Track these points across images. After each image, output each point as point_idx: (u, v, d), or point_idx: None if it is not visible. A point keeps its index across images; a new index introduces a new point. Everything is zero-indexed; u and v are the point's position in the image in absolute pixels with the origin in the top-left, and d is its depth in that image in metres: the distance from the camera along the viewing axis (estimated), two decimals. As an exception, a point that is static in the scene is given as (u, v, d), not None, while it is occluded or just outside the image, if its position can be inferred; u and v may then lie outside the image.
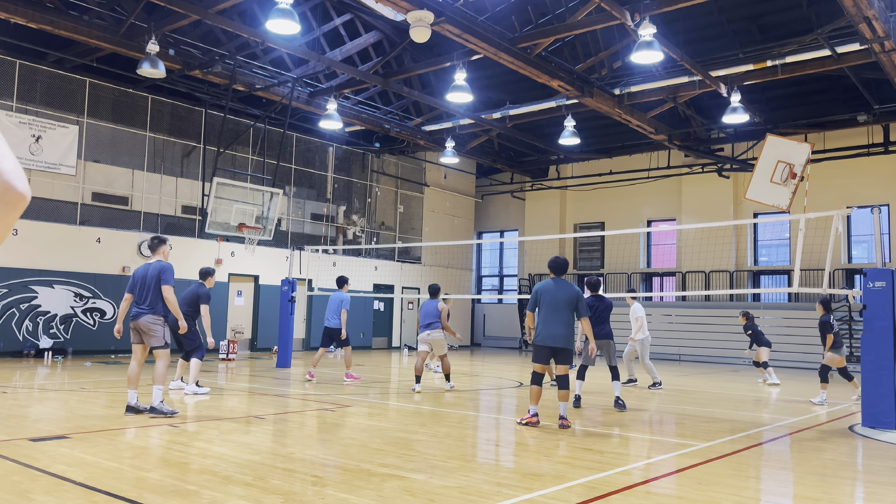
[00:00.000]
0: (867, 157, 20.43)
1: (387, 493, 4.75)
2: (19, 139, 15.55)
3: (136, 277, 7.92)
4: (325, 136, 22.44)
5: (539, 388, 7.92)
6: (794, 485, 5.61)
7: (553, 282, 7.88)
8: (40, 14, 13.63)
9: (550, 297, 7.73)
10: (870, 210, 9.80)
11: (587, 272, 26.48)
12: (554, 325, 7.67)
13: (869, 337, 8.56)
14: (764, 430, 8.25)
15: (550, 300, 7.72)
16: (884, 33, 12.65)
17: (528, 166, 26.48)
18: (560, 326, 7.66)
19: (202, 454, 5.93)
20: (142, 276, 7.88)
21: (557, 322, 7.67)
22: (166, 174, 19.04)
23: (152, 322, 7.78)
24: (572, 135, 18.41)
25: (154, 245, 8.18)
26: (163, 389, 7.83)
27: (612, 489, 5.02)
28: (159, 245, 8.15)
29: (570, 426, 7.73)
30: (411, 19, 12.59)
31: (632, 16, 12.54)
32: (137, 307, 7.85)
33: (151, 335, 7.80)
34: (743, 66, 15.72)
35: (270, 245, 20.26)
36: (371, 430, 7.46)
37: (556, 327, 7.67)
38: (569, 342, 7.71)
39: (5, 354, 15.37)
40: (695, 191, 23.83)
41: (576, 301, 7.75)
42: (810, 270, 18.49)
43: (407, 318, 25.24)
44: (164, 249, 8.15)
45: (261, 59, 17.48)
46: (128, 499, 4.46)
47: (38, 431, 6.80)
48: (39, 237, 16.07)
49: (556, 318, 7.67)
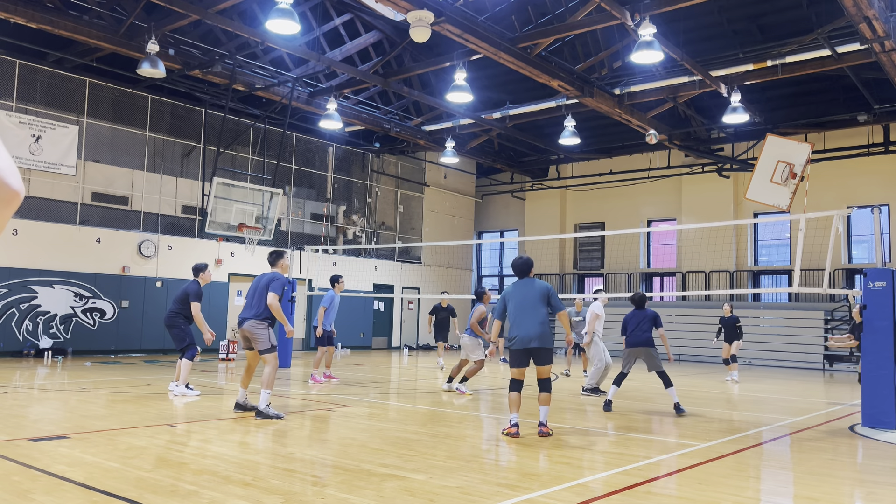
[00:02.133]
0: (867, 157, 20.43)
1: (387, 493, 4.75)
2: (19, 139, 15.55)
3: (251, 287, 8.33)
4: (325, 135, 22.43)
5: (518, 395, 7.29)
6: (794, 485, 5.60)
7: (519, 282, 7.51)
8: (40, 14, 13.62)
9: (519, 298, 7.32)
10: (870, 210, 9.79)
11: (587, 272, 26.50)
12: (527, 325, 7.16)
13: (869, 337, 8.55)
14: (764, 430, 8.25)
15: (520, 301, 7.30)
16: (884, 33, 12.64)
17: (528, 166, 26.48)
18: (534, 325, 7.13)
19: (202, 454, 5.93)
20: (254, 285, 8.28)
21: (531, 321, 7.16)
22: (166, 174, 19.03)
23: (255, 327, 8.02)
24: (572, 135, 18.40)
25: (272, 259, 8.48)
26: (270, 393, 7.98)
27: (612, 489, 5.02)
28: (277, 258, 8.47)
29: (551, 433, 7.15)
30: (411, 19, 12.58)
31: (632, 16, 12.53)
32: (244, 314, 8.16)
33: (257, 340, 8.03)
34: (743, 66, 15.72)
35: (270, 245, 20.22)
36: (371, 430, 7.46)
37: (531, 327, 7.14)
38: (546, 341, 7.16)
39: (5, 354, 15.37)
40: (695, 191, 23.83)
41: (547, 295, 7.27)
42: (810, 270, 18.50)
43: (407, 318, 25.25)
44: (283, 263, 8.47)
45: (261, 59, 17.48)
46: (128, 499, 4.45)
47: (38, 431, 6.80)
48: (39, 237, 16.07)
49: (528, 316, 7.18)
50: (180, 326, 9.88)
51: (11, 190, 1.23)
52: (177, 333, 9.90)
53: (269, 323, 8.06)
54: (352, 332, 22.86)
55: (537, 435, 7.13)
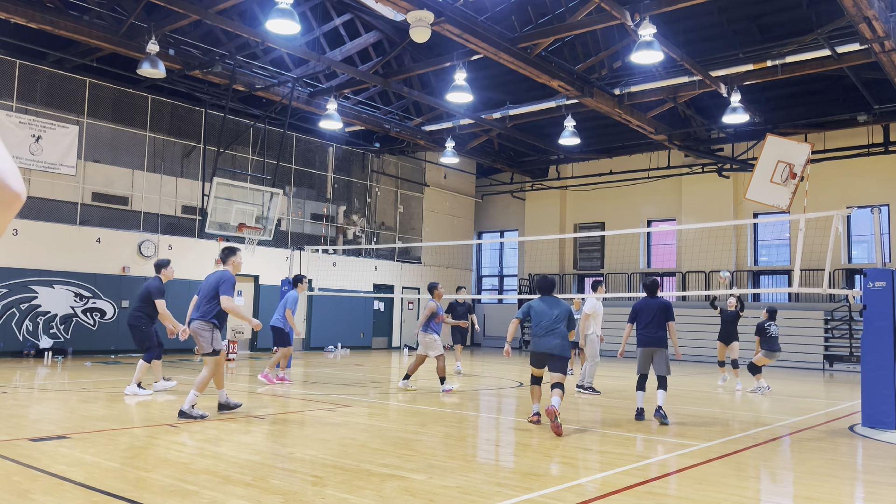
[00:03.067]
0: (867, 157, 20.43)
1: (387, 493, 4.75)
2: (19, 139, 15.55)
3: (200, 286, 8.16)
4: (325, 136, 22.44)
5: (538, 387, 8.32)
6: (794, 485, 5.60)
7: (543, 301, 8.21)
8: (40, 14, 13.62)
9: (545, 316, 8.09)
10: (870, 210, 9.79)
11: (587, 272, 26.49)
12: (548, 340, 8.02)
13: (869, 337, 8.55)
14: (764, 430, 8.25)
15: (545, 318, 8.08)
16: (884, 33, 12.65)
17: (528, 166, 26.48)
18: (554, 338, 7.99)
19: (202, 454, 5.93)
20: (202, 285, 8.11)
21: (552, 337, 8.01)
22: (166, 174, 19.04)
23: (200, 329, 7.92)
24: (572, 135, 18.40)
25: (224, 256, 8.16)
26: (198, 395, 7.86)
27: (612, 489, 5.02)
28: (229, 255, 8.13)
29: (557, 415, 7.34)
30: (411, 19, 12.58)
31: (632, 16, 12.54)
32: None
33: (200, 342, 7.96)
34: (743, 66, 15.72)
35: (270, 245, 20.26)
36: (371, 430, 7.46)
37: (551, 339, 8.01)
38: (564, 350, 7.99)
39: (5, 354, 15.37)
40: (695, 191, 23.83)
41: (566, 317, 8.08)
42: (810, 270, 18.50)
43: (407, 318, 25.25)
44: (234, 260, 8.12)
45: (261, 59, 17.48)
46: (128, 499, 4.46)
47: (38, 431, 6.80)
48: (39, 237, 16.07)
49: (550, 332, 8.03)
50: (142, 327, 9.63)
51: (12, 192, 1.23)
52: (138, 333, 9.67)
53: (216, 325, 7.85)
54: (352, 332, 22.87)
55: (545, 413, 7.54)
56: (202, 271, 18.89)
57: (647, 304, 8.96)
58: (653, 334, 8.83)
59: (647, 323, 8.87)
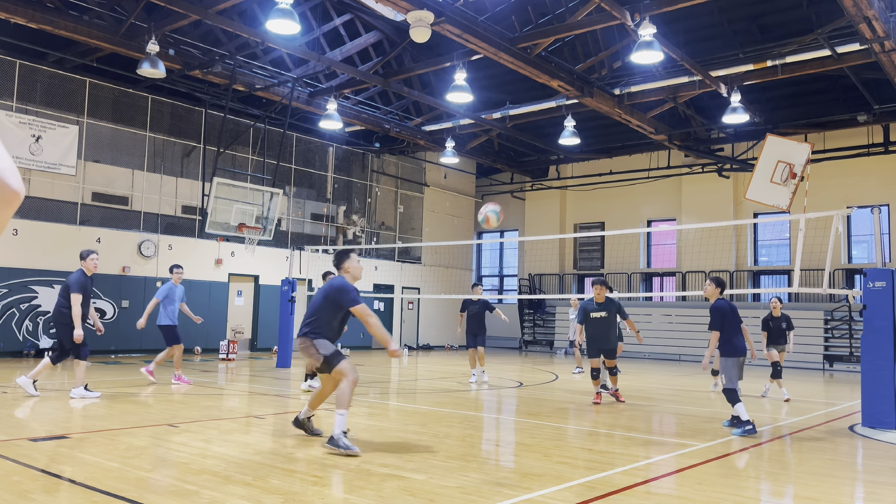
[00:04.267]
0: (867, 157, 20.42)
1: (387, 493, 4.75)
2: (19, 139, 15.55)
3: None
4: (325, 136, 22.44)
5: (598, 379, 10.42)
6: (794, 485, 5.60)
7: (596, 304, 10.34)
8: (40, 14, 13.62)
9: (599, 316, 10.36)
10: (870, 210, 9.79)
11: (587, 272, 26.49)
12: (602, 336, 10.38)
13: (869, 337, 8.55)
14: (764, 430, 8.25)
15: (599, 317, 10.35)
16: (884, 33, 12.65)
17: (528, 166, 26.48)
18: (608, 336, 10.43)
19: (202, 454, 5.93)
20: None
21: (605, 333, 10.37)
22: (166, 174, 19.03)
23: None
24: (572, 135, 18.40)
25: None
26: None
27: (612, 489, 5.02)
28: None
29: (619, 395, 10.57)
30: (411, 19, 12.59)
31: (632, 16, 12.54)
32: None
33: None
34: (743, 66, 15.72)
35: (270, 245, 20.26)
36: (371, 430, 7.46)
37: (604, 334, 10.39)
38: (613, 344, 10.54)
39: (5, 354, 15.37)
40: (695, 191, 23.83)
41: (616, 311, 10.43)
42: (810, 270, 18.51)
43: (407, 318, 25.24)
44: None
45: (261, 59, 17.48)
46: (128, 499, 4.45)
47: (38, 431, 6.80)
48: (39, 237, 16.07)
49: (604, 329, 10.36)
50: (68, 323, 8.91)
51: (11, 190, 1.24)
52: (64, 331, 8.98)
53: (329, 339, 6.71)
54: (352, 332, 22.73)
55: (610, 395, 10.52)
56: (202, 271, 18.93)
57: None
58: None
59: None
